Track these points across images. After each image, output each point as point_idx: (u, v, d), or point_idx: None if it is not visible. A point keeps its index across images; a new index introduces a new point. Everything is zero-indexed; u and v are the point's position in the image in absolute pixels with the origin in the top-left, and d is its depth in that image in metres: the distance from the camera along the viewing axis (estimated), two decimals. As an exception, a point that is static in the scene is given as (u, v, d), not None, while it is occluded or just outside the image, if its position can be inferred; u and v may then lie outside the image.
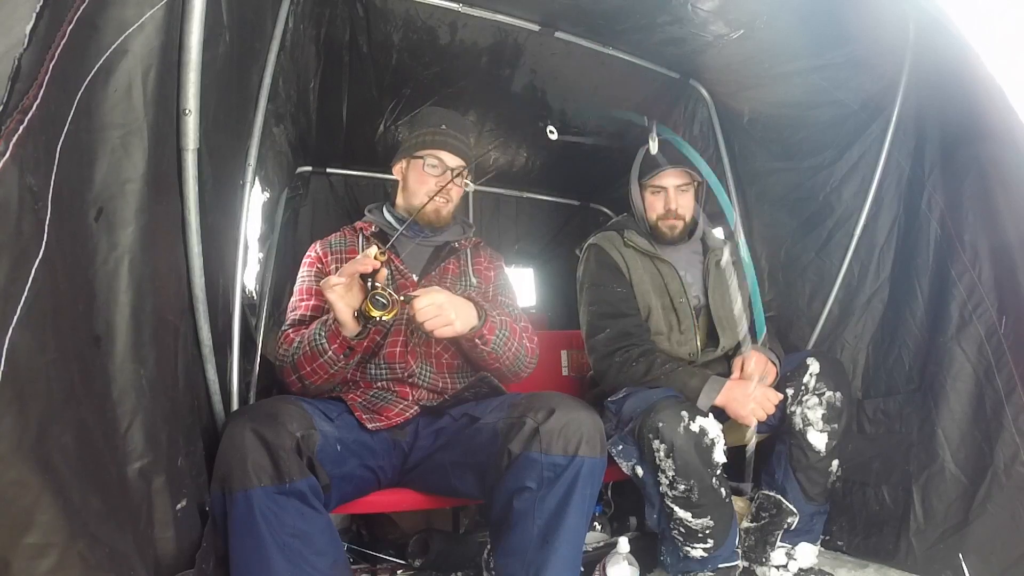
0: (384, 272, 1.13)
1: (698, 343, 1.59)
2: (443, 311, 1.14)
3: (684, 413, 1.26)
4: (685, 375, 1.44)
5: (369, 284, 1.11)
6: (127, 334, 0.77)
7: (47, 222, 0.61)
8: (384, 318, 1.09)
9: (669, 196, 1.64)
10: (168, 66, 0.84)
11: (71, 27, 0.64)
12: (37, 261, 0.58)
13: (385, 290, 1.10)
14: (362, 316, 1.10)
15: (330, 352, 1.17)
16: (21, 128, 0.56)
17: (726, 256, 1.65)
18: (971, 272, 1.33)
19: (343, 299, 1.12)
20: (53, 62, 0.61)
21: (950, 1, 1.28)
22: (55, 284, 0.63)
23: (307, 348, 1.19)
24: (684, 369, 1.46)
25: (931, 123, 1.48)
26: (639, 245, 1.67)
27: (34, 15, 0.58)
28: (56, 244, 0.62)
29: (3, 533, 0.56)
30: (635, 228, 1.71)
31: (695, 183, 1.67)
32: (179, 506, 0.87)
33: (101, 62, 0.72)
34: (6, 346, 0.54)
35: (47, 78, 0.60)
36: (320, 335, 1.18)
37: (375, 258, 1.10)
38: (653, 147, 1.61)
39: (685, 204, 1.66)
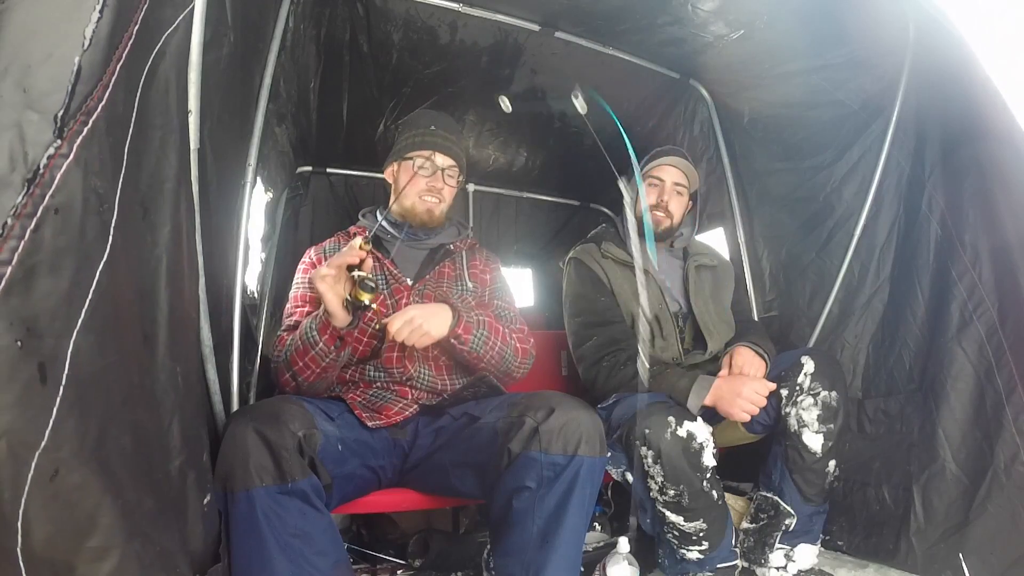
0: (370, 262, 1.16)
1: (680, 348, 1.59)
2: (415, 324, 1.17)
3: (671, 418, 1.25)
4: (673, 377, 1.42)
5: (356, 273, 1.14)
6: (166, 332, 0.77)
7: (112, 224, 0.60)
8: (373, 304, 1.13)
9: (664, 189, 1.67)
10: (185, 66, 0.83)
11: (136, 27, 0.62)
12: (101, 264, 0.57)
13: (371, 275, 1.14)
14: (351, 304, 1.13)
15: (321, 343, 1.18)
16: (85, 130, 0.55)
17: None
18: (971, 272, 1.33)
19: (332, 289, 1.14)
20: (120, 63, 0.59)
21: (950, 1, 1.29)
22: (117, 286, 0.61)
23: (299, 342, 1.21)
24: (673, 371, 1.45)
25: (931, 123, 1.48)
26: (616, 256, 1.68)
27: (96, 17, 0.57)
28: (120, 246, 0.61)
29: (67, 537, 0.55)
30: (612, 239, 1.73)
31: (691, 190, 1.69)
32: (205, 501, 0.87)
33: (150, 63, 0.71)
34: (70, 349, 0.53)
35: (113, 79, 0.58)
36: (311, 327, 1.20)
37: (360, 247, 1.13)
38: (579, 105, 1.37)
39: (676, 204, 1.68)
